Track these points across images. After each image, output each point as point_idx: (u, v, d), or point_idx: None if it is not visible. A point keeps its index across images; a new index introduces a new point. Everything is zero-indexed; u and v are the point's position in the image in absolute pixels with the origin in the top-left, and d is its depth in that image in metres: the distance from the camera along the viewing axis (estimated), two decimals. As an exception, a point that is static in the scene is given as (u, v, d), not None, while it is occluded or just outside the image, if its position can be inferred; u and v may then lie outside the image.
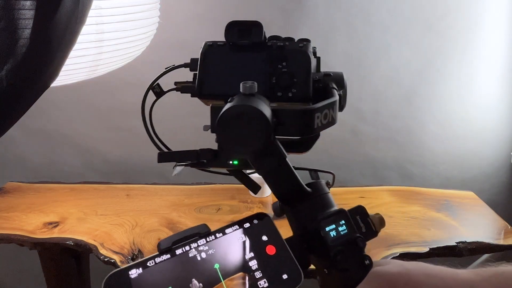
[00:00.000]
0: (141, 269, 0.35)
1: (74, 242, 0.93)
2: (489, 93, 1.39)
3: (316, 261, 0.40)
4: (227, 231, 0.38)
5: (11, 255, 1.36)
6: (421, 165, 1.44)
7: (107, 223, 1.00)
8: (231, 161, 0.41)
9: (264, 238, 0.38)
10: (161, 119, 1.36)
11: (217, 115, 0.34)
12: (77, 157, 1.34)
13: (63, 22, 0.34)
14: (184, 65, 0.44)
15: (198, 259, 0.36)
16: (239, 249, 0.37)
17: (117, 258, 0.87)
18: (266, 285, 0.35)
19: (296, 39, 0.44)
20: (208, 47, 0.42)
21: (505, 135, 1.44)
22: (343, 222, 0.40)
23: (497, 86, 1.38)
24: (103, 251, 0.89)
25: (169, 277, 0.35)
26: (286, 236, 0.39)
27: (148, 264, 0.35)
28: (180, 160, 0.42)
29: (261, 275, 0.36)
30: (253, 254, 0.37)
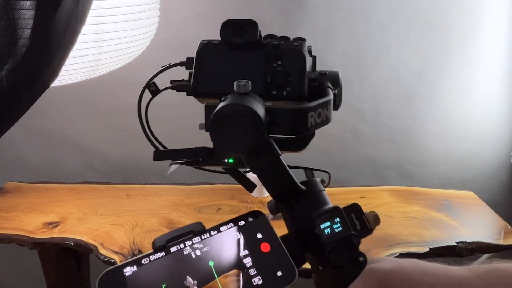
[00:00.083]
0: (135, 266, 0.35)
1: (74, 242, 0.93)
2: (489, 93, 1.39)
3: (311, 259, 0.40)
4: (221, 229, 0.38)
5: (11, 255, 1.36)
6: (421, 165, 1.44)
7: (107, 223, 1.00)
8: (226, 160, 0.41)
9: (259, 235, 0.38)
10: (161, 119, 1.35)
11: (211, 114, 0.34)
12: (77, 157, 1.34)
13: (63, 22, 0.34)
14: (180, 64, 0.44)
15: (193, 256, 0.36)
16: (233, 247, 0.37)
17: (117, 258, 0.87)
18: (260, 282, 0.35)
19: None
20: (204, 45, 0.42)
21: (505, 135, 1.44)
22: (338, 219, 0.40)
23: (497, 86, 1.38)
24: (103, 251, 0.89)
25: (164, 275, 0.35)
26: (281, 234, 0.39)
27: (142, 262, 0.35)
28: (176, 158, 0.42)
29: (255, 272, 0.36)
30: (247, 252, 0.37)
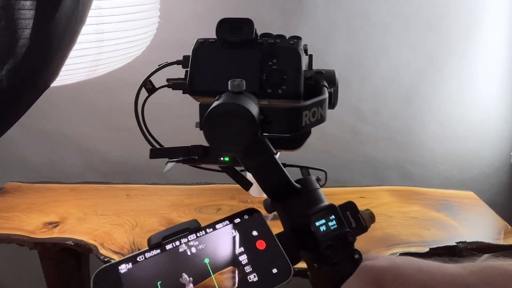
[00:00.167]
0: (130, 264, 0.35)
1: (74, 242, 0.93)
2: (489, 93, 1.39)
3: (306, 256, 0.41)
4: (217, 226, 0.38)
5: (11, 255, 1.36)
6: (421, 165, 1.44)
7: (107, 223, 1.00)
8: (222, 158, 0.41)
9: (254, 233, 0.38)
10: (162, 119, 1.35)
11: (205, 113, 0.34)
12: (77, 157, 1.34)
13: (63, 22, 0.34)
14: (177, 62, 0.44)
15: (188, 254, 0.36)
16: (229, 244, 0.37)
17: (117, 258, 0.87)
18: (255, 279, 0.35)
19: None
20: (200, 44, 0.42)
21: (505, 135, 1.44)
22: (333, 217, 0.40)
23: (497, 86, 1.38)
24: (103, 251, 0.89)
25: (159, 272, 0.35)
26: (277, 232, 0.40)
27: (137, 259, 0.35)
28: (171, 156, 0.42)
29: (250, 269, 0.36)
30: (243, 249, 0.37)
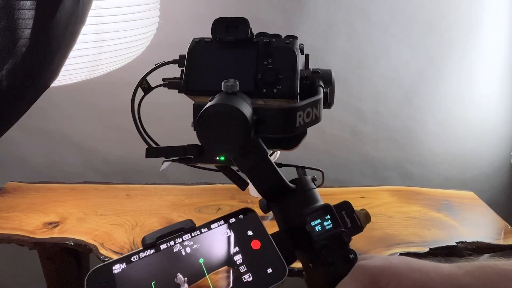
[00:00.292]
0: (124, 264, 0.35)
1: (74, 242, 0.93)
2: (489, 93, 1.39)
3: (301, 256, 0.41)
4: (212, 226, 0.38)
5: (11, 255, 1.36)
6: (421, 165, 1.44)
7: (107, 223, 1.00)
8: (217, 157, 0.41)
9: (250, 233, 0.38)
10: (161, 119, 1.35)
11: (199, 113, 0.34)
12: (77, 157, 1.34)
13: (63, 22, 0.34)
14: (173, 62, 0.44)
15: (183, 254, 0.36)
16: (224, 244, 0.37)
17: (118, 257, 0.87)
18: (250, 279, 0.35)
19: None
20: (195, 43, 0.42)
21: (505, 135, 1.44)
22: (329, 217, 0.40)
23: (497, 86, 1.38)
24: (103, 251, 0.89)
25: (153, 272, 0.35)
26: (272, 232, 0.40)
27: (132, 259, 0.35)
28: (167, 155, 0.42)
29: (245, 269, 0.36)
30: (238, 249, 0.37)
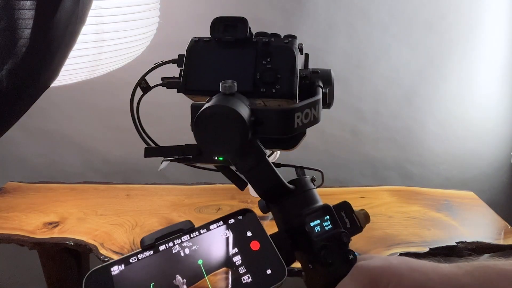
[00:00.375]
0: (123, 265, 0.35)
1: (74, 242, 0.93)
2: (489, 93, 1.39)
3: (301, 257, 0.40)
4: (211, 227, 0.38)
5: (11, 255, 1.36)
6: (421, 165, 1.44)
7: (107, 223, 1.00)
8: (216, 157, 0.41)
9: (249, 233, 0.38)
10: (161, 119, 1.35)
11: (196, 114, 0.34)
12: (77, 157, 1.34)
13: (63, 22, 0.34)
14: (172, 61, 0.44)
15: (182, 255, 0.36)
16: (223, 245, 0.37)
17: (116, 258, 0.87)
18: (249, 280, 0.35)
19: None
20: (194, 43, 0.42)
21: (505, 135, 1.44)
22: (328, 217, 0.40)
23: (497, 86, 1.38)
24: (103, 251, 0.89)
25: (152, 274, 0.35)
26: (271, 232, 0.40)
27: (130, 260, 0.35)
28: (166, 155, 0.42)
29: (244, 270, 0.36)
30: (237, 250, 0.37)
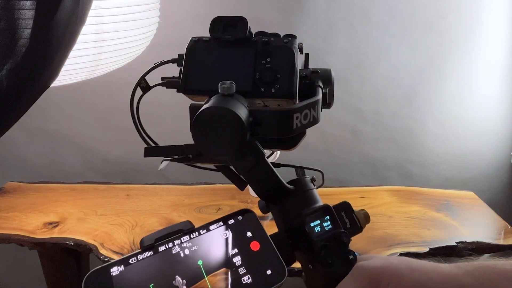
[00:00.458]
0: (122, 266, 0.35)
1: (74, 242, 0.93)
2: (489, 93, 1.39)
3: (301, 257, 0.40)
4: (211, 227, 0.38)
5: (11, 255, 1.36)
6: (421, 165, 1.44)
7: (107, 223, 1.00)
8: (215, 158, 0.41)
9: (249, 234, 0.38)
10: (161, 119, 1.35)
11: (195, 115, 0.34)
12: (77, 157, 1.34)
13: (63, 22, 0.34)
14: (172, 61, 0.44)
15: (181, 255, 0.36)
16: (223, 246, 0.37)
17: (117, 258, 0.87)
18: (250, 281, 0.35)
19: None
20: (194, 42, 0.42)
21: (505, 135, 1.44)
22: (328, 217, 0.40)
23: (497, 86, 1.38)
24: (103, 251, 0.89)
25: (152, 274, 0.34)
26: (272, 233, 0.40)
27: (130, 261, 0.35)
28: (166, 154, 0.42)
29: (245, 271, 0.36)
30: (237, 250, 0.37)
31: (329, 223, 0.40)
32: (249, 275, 0.35)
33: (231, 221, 0.39)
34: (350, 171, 1.43)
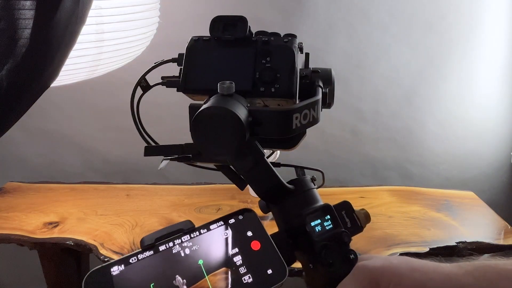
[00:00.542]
0: (123, 266, 0.35)
1: (74, 242, 0.93)
2: (489, 93, 1.39)
3: (301, 257, 0.40)
4: (211, 227, 0.38)
5: (11, 255, 1.36)
6: (421, 165, 1.44)
7: (107, 223, 1.00)
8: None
9: (249, 233, 0.38)
10: (162, 119, 1.35)
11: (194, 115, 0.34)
12: (77, 157, 1.34)
13: (63, 22, 0.34)
14: (172, 60, 0.44)
15: (182, 255, 0.36)
16: (223, 245, 0.37)
17: (117, 258, 0.87)
18: (250, 280, 0.35)
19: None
20: (194, 42, 0.42)
21: (505, 135, 1.44)
22: (329, 217, 0.40)
23: (497, 86, 1.38)
24: (103, 251, 0.89)
25: (152, 274, 0.34)
26: (272, 232, 0.40)
27: (130, 261, 0.35)
28: (166, 154, 0.42)
29: (245, 270, 0.35)
30: (237, 250, 0.37)
31: (329, 222, 0.40)
32: (249, 275, 0.35)
33: (232, 221, 0.39)
34: (350, 171, 1.43)
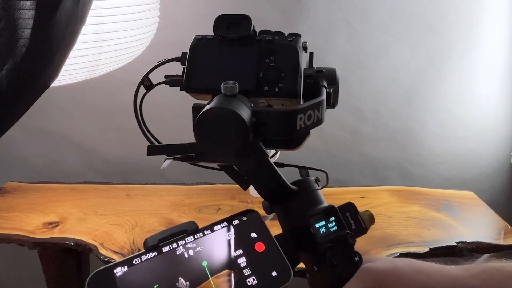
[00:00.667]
0: (126, 267, 0.34)
1: (74, 242, 0.93)
2: (489, 93, 1.39)
3: (306, 258, 0.40)
4: (215, 228, 0.38)
5: (11, 255, 1.36)
6: (421, 165, 1.44)
7: (107, 223, 1.00)
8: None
9: (253, 235, 0.38)
10: (163, 119, 1.35)
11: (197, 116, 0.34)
12: (77, 157, 1.34)
13: (63, 22, 0.34)
14: (175, 59, 0.44)
15: (186, 256, 0.35)
16: (227, 246, 0.37)
17: (117, 258, 0.87)
18: (254, 282, 0.35)
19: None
20: (197, 40, 0.41)
21: (505, 135, 1.44)
22: (333, 218, 0.40)
23: (497, 86, 1.38)
24: (103, 251, 0.89)
25: (156, 275, 0.34)
26: (276, 233, 0.39)
27: (134, 262, 0.35)
28: (169, 153, 0.42)
29: (249, 272, 0.35)
30: (241, 251, 0.36)
31: (334, 224, 0.40)
32: (254, 277, 0.35)
33: (236, 222, 0.38)
34: (350, 171, 1.43)
